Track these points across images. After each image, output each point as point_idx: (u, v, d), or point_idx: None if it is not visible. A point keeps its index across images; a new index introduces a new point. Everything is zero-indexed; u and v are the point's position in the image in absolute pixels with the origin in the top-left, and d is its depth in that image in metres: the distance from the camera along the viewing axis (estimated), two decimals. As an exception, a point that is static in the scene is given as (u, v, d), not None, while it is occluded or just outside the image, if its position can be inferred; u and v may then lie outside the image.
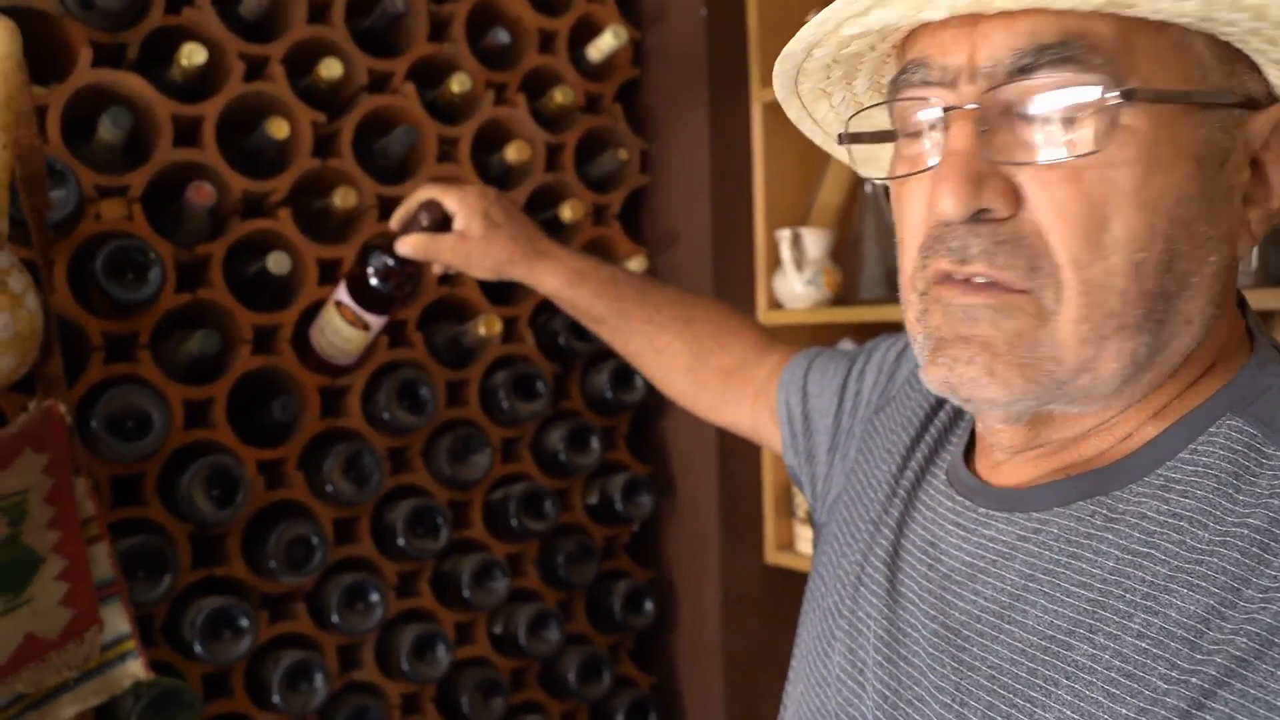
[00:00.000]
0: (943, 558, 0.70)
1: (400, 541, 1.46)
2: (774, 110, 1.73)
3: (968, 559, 0.68)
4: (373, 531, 1.51)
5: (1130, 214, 0.58)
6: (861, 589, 0.77)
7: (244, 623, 1.33)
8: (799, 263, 1.68)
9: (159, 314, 1.35)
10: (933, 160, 0.63)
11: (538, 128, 1.66)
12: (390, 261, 1.23)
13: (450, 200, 1.19)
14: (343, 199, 1.41)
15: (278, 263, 1.35)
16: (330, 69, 1.39)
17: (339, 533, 1.48)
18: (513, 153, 1.56)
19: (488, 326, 1.48)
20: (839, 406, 0.95)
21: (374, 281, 1.25)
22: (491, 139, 1.63)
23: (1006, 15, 0.59)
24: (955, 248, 0.61)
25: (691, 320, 1.15)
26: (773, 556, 1.75)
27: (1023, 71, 0.59)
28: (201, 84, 1.38)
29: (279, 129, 1.35)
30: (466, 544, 1.59)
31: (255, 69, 1.42)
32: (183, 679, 1.33)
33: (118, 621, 1.21)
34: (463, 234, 1.18)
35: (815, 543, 0.92)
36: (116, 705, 1.22)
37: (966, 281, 0.62)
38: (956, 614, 0.67)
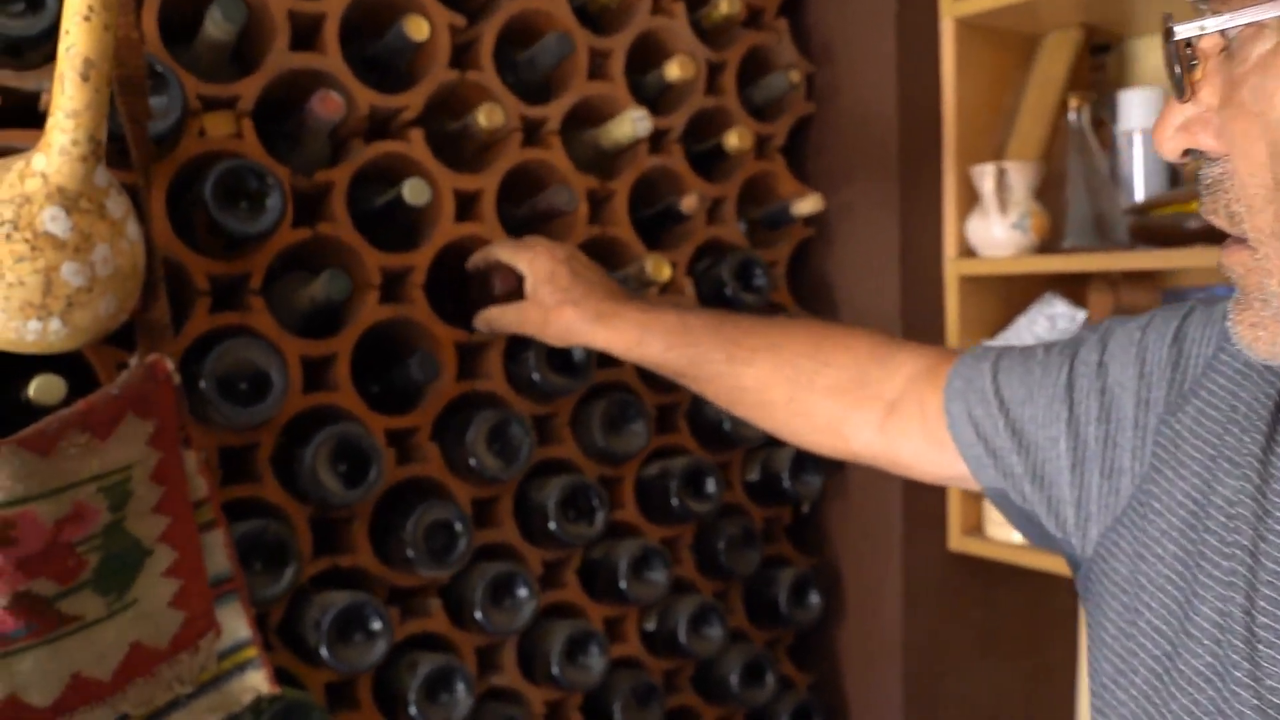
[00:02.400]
0: None
1: (551, 525, 1.24)
2: (967, 26, 1.47)
3: None
4: (516, 513, 1.28)
5: None
6: (1259, 646, 0.58)
7: (377, 624, 1.11)
8: (1004, 204, 1.43)
9: (272, 253, 1.12)
10: None
11: (697, 42, 1.41)
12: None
13: (521, 263, 1.14)
14: (488, 117, 1.17)
15: (415, 192, 1.11)
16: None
17: (476, 516, 1.26)
18: (675, 69, 1.31)
19: (656, 270, 1.25)
20: (1083, 414, 0.77)
21: None
22: (646, 53, 1.38)
23: None
24: None
25: (779, 346, 1.01)
26: (958, 542, 1.52)
27: None
28: (322, -23, 1.15)
29: (418, 29, 1.11)
30: (617, 528, 1.36)
31: (383, -39, 1.19)
32: (304, 689, 1.12)
33: (236, 625, 0.99)
34: (532, 302, 1.13)
35: (1082, 583, 0.75)
36: (233, 725, 1.00)
37: None
38: None
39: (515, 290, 1.16)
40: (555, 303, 1.11)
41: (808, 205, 1.44)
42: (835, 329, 1.03)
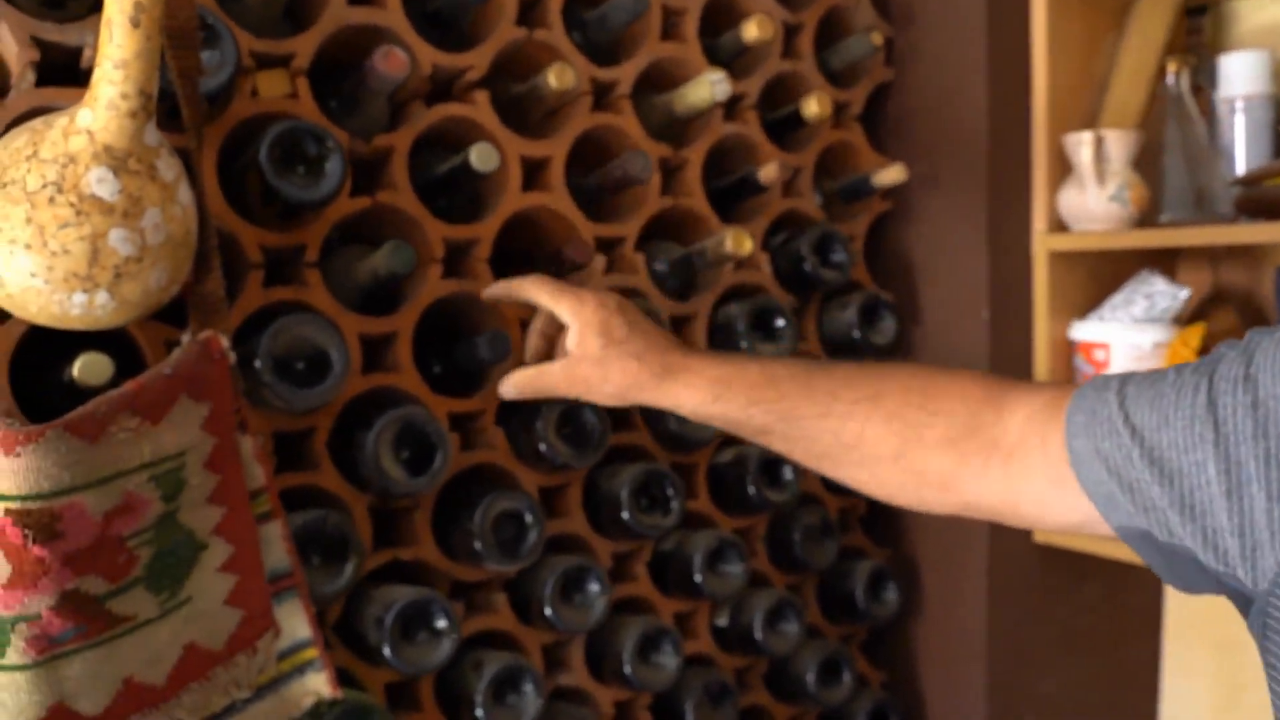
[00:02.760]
0: None
1: (624, 515, 1.16)
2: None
3: None
4: (585, 503, 1.20)
5: None
6: None
7: (443, 622, 1.03)
8: (1101, 175, 1.33)
9: (329, 223, 1.04)
10: None
11: (773, 2, 1.33)
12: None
13: (563, 311, 1.01)
14: (558, 78, 1.09)
15: (484, 157, 1.03)
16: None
17: (543, 505, 1.18)
18: (754, 29, 1.23)
19: (737, 243, 1.16)
20: (1233, 432, 0.69)
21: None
22: (719, 14, 1.29)
23: None
24: None
25: (881, 396, 0.91)
26: (1043, 534, 1.43)
27: None
28: (381, -74, 1.07)
29: (486, -20, 1.03)
30: (689, 518, 1.28)
31: (446, -91, 1.10)
32: (364, 690, 1.04)
33: (295, 624, 0.92)
34: (582, 358, 1.01)
35: (1257, 620, 0.67)
36: (292, 731, 0.93)
37: None
38: None
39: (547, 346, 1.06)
40: (614, 358, 1.00)
41: (891, 176, 1.35)
42: (938, 374, 0.92)
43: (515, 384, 1.06)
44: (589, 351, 1.00)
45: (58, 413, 0.76)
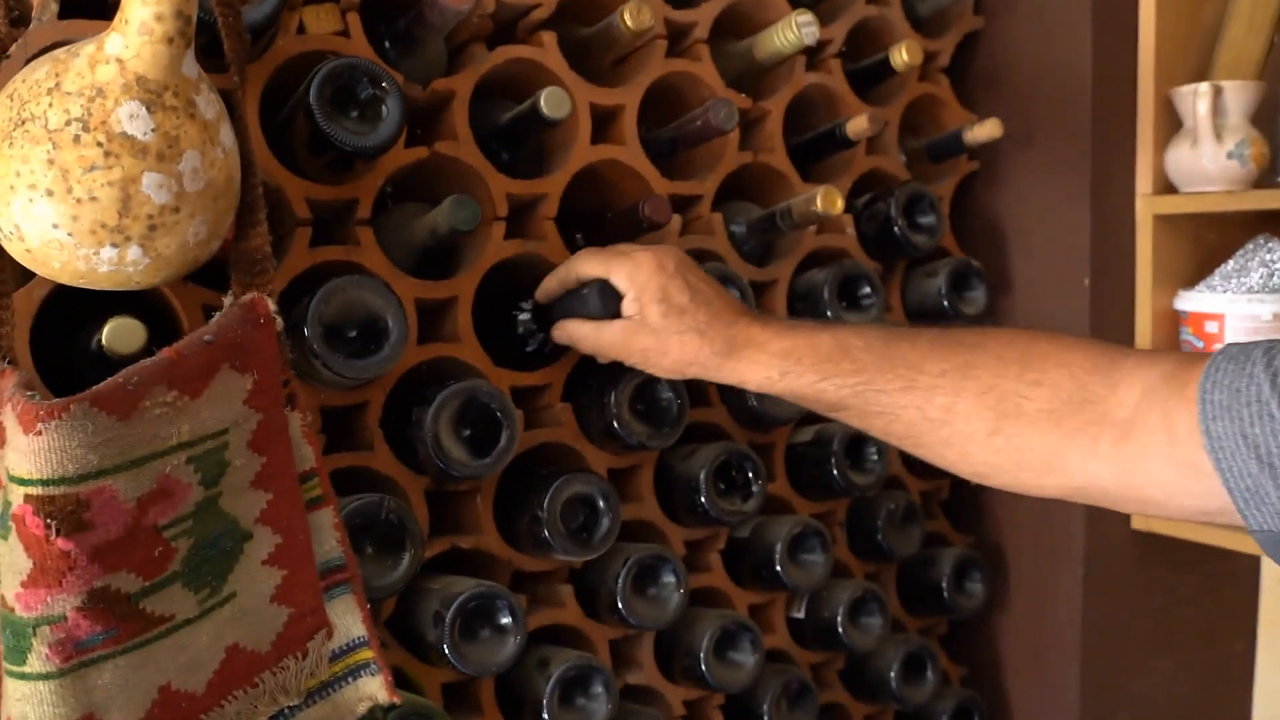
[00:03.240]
0: None
1: (701, 500, 1.05)
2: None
3: None
4: (656, 487, 1.10)
5: None
6: None
7: (507, 618, 0.94)
8: (1219, 130, 1.21)
9: (383, 175, 0.94)
10: None
11: (859, -60, 1.22)
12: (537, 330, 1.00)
13: (619, 277, 0.92)
14: (634, 17, 0.98)
15: (555, 103, 0.93)
16: None
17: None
18: (840, -33, 1.12)
19: (828, 202, 1.05)
20: None
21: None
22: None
23: None
24: None
25: (972, 366, 0.81)
26: (1142, 520, 1.32)
27: None
28: None
29: (558, -96, 0.92)
30: (766, 503, 1.17)
31: None
32: (420, 691, 0.95)
33: (350, 622, 0.82)
34: (639, 326, 0.92)
35: None
36: (345, 740, 0.84)
37: None
38: None
39: (613, 303, 0.94)
40: (674, 330, 0.91)
41: (985, 131, 1.23)
42: (1038, 340, 0.82)
43: (570, 332, 0.96)
44: (648, 321, 0.92)
45: (84, 385, 0.66)
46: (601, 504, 0.98)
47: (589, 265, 0.94)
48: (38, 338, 0.78)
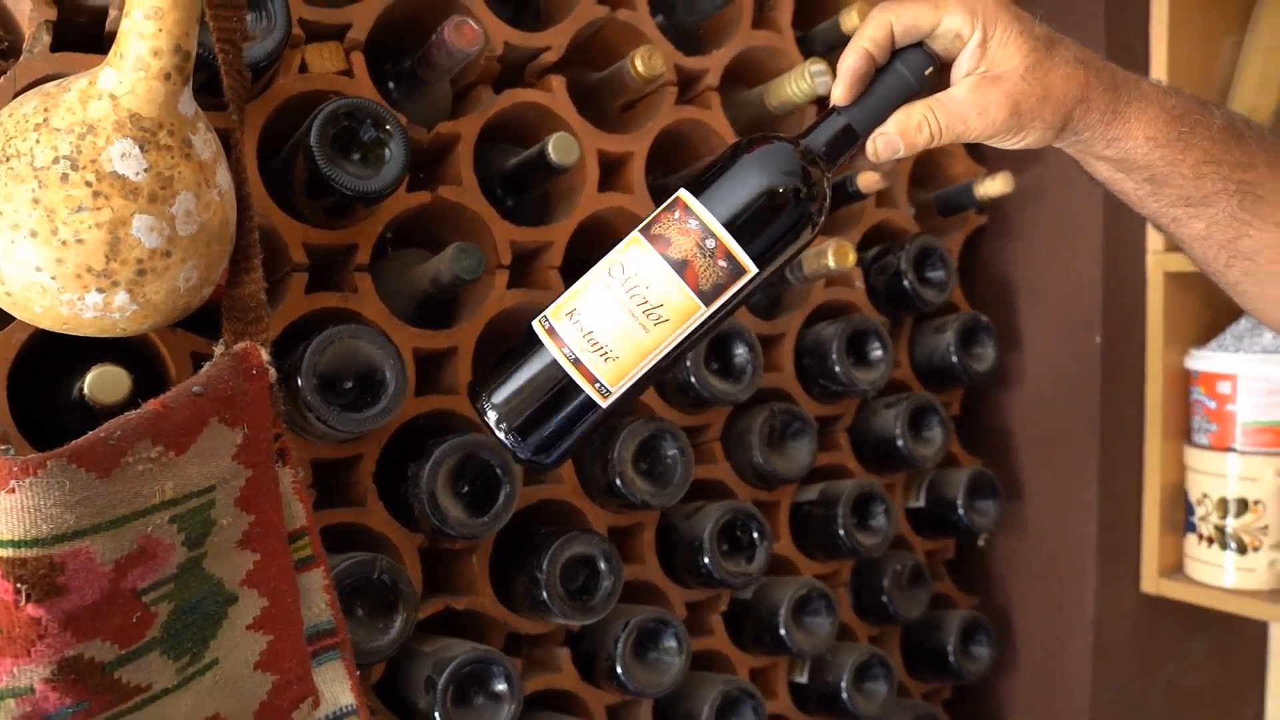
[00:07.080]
0: None
1: (704, 561, 1.01)
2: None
3: None
4: (658, 547, 1.06)
5: None
6: None
7: (502, 685, 0.89)
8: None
9: (383, 221, 0.91)
10: None
11: (873, -13, 1.19)
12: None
13: (957, 18, 0.66)
14: (646, 64, 0.95)
15: (563, 149, 0.89)
16: None
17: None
18: (854, 18, 1.09)
19: (840, 257, 1.02)
20: None
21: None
22: (813, 3, 1.16)
23: None
24: None
25: None
26: (1153, 584, 1.28)
27: None
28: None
29: (570, -55, 0.89)
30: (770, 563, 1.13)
31: None
32: (409, 761, 0.90)
33: (337, 690, 0.78)
34: (998, 73, 0.67)
35: None
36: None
37: None
38: None
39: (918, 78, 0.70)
40: (1055, 63, 0.67)
41: (997, 186, 1.21)
42: None
43: (900, 126, 0.70)
44: (1020, 59, 0.67)
45: (66, 436, 0.62)
46: (603, 565, 0.94)
47: (900, 20, 0.68)
48: (15, 385, 0.74)
